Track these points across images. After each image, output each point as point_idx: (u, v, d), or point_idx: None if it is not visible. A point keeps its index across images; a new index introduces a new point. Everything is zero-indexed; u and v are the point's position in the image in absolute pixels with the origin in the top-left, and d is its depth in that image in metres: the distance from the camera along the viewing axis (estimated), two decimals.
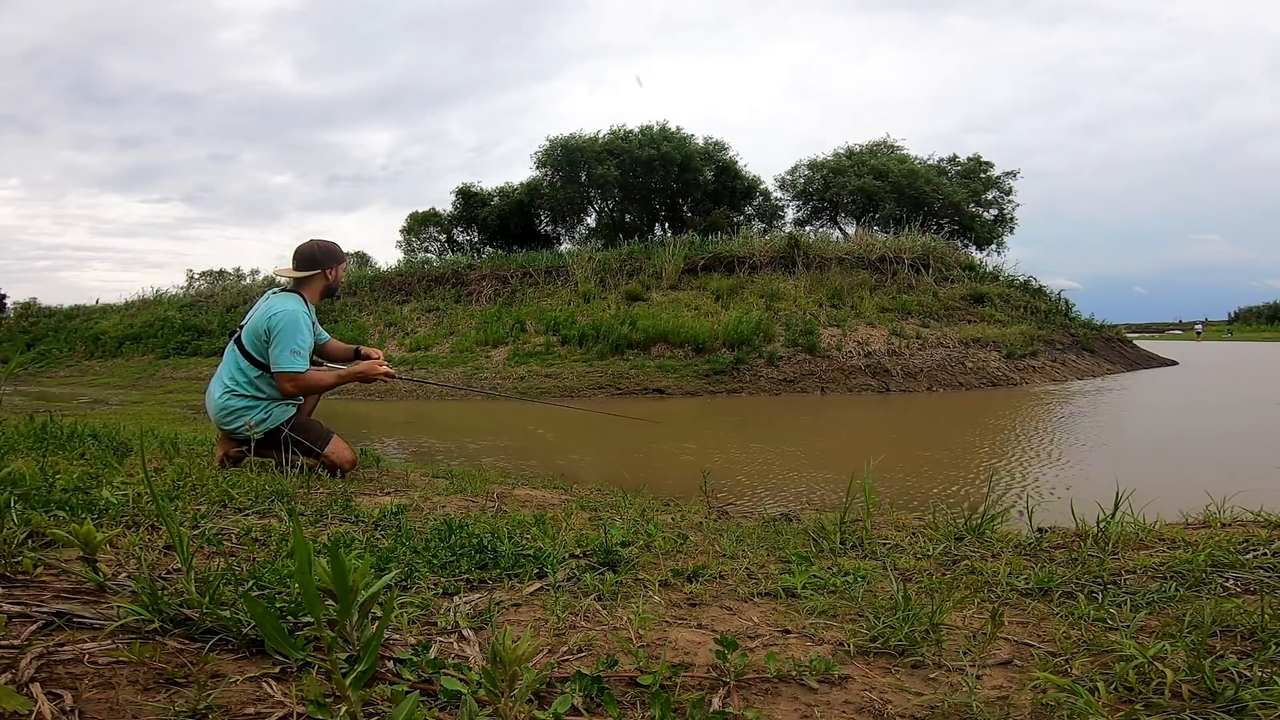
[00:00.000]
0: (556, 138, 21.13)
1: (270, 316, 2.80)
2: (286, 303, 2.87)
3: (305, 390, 2.87)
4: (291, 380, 2.79)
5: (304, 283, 3.01)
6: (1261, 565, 1.49)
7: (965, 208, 21.56)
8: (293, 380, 2.80)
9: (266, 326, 2.80)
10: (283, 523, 1.73)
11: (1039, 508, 2.18)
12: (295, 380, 2.80)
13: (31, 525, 1.32)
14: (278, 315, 2.80)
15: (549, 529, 1.86)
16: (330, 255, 3.03)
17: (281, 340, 2.77)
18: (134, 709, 0.79)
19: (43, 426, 3.03)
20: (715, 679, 1.01)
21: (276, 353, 2.78)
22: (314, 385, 2.89)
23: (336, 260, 3.05)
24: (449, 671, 0.93)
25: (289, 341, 2.77)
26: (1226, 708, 0.91)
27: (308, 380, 2.84)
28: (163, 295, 21.35)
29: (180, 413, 9.39)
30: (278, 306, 2.84)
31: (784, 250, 15.59)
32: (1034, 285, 16.11)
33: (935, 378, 11.50)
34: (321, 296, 3.07)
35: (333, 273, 3.04)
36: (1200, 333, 45.31)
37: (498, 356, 13.21)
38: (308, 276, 3.00)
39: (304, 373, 2.81)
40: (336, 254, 3.06)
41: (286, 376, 2.79)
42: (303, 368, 2.80)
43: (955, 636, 1.18)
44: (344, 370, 3.00)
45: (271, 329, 2.79)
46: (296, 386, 2.82)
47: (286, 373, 2.78)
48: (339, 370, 2.99)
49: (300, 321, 2.82)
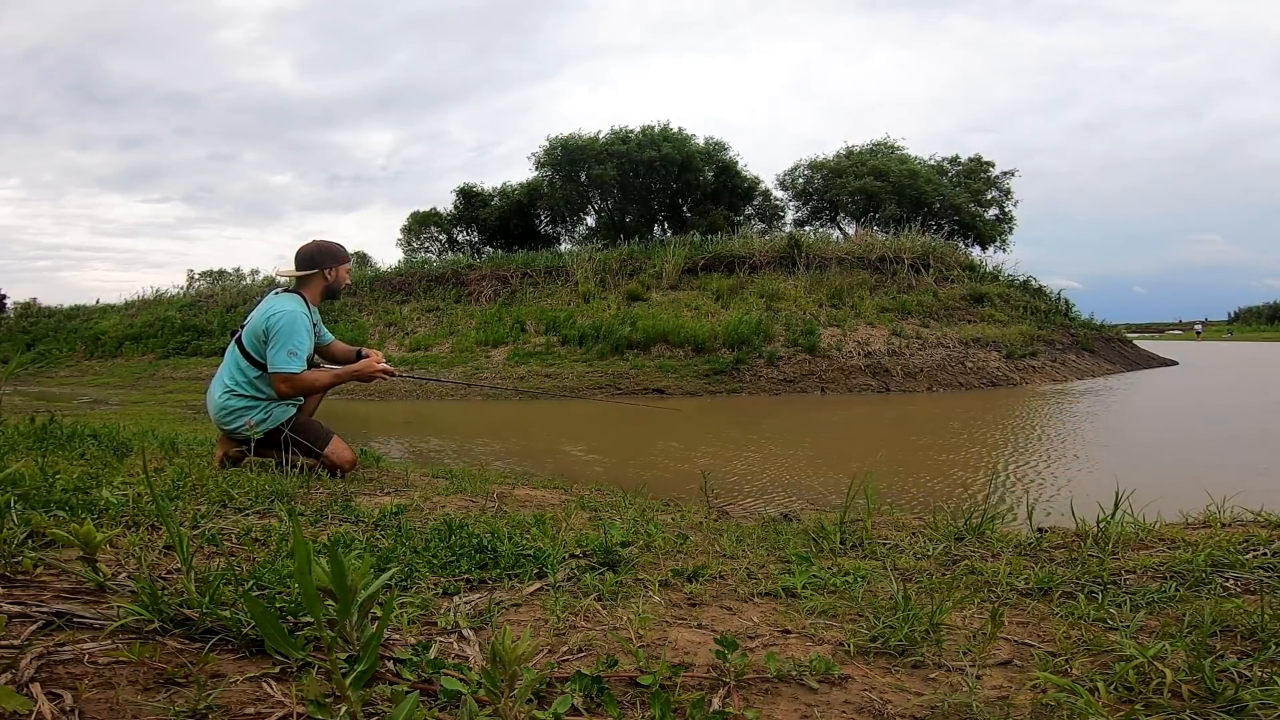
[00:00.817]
0: (556, 138, 21.16)
1: (269, 317, 2.80)
2: (286, 303, 2.87)
3: (301, 391, 2.87)
4: (286, 381, 2.80)
5: (304, 283, 3.01)
6: (1261, 565, 1.49)
7: (965, 208, 21.58)
8: (288, 381, 2.80)
9: (265, 327, 2.81)
10: (283, 523, 1.73)
11: (1039, 507, 2.18)
12: (290, 381, 2.80)
13: (31, 525, 1.32)
14: (276, 316, 2.80)
15: (549, 529, 1.86)
16: (329, 255, 3.01)
17: (278, 341, 2.78)
18: (134, 709, 0.79)
19: (43, 427, 3.03)
20: (715, 679, 1.01)
21: (273, 354, 2.78)
22: (309, 386, 2.88)
23: (336, 260, 3.03)
24: (449, 671, 0.93)
25: (285, 343, 2.77)
26: (1226, 708, 0.91)
27: (303, 381, 2.83)
28: (163, 295, 21.36)
29: (180, 413, 9.39)
30: (277, 307, 2.84)
31: (784, 250, 15.59)
32: (1034, 285, 16.14)
33: (935, 378, 11.50)
34: (323, 297, 3.06)
35: (332, 273, 3.02)
36: (1200, 333, 45.31)
37: (498, 356, 13.21)
38: (307, 276, 3.00)
39: (299, 374, 2.81)
40: (337, 254, 3.04)
41: (281, 377, 2.79)
42: (298, 369, 2.80)
43: (955, 636, 1.18)
44: (340, 370, 2.99)
45: (269, 329, 2.80)
46: (291, 387, 2.82)
47: (281, 374, 2.79)
48: (335, 370, 2.98)
49: (298, 323, 2.82)
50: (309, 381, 2.86)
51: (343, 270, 3.06)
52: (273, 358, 2.78)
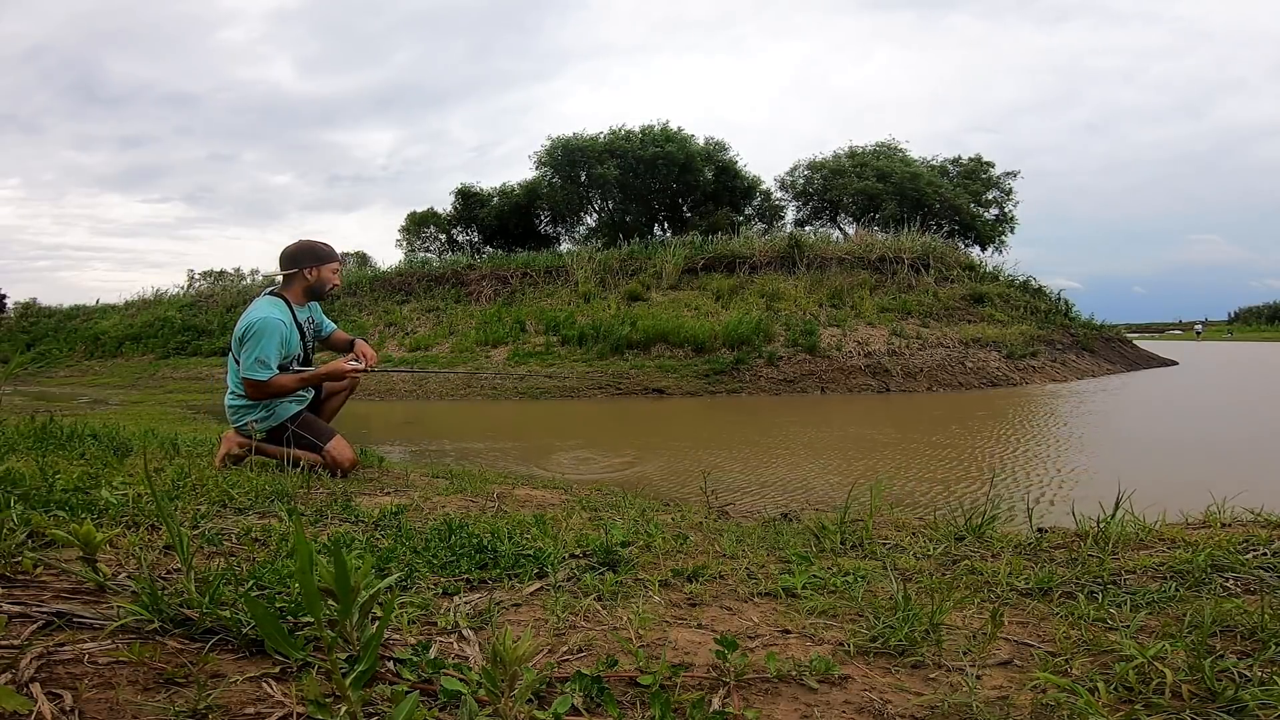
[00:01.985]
0: (557, 138, 21.15)
1: (246, 325, 2.86)
2: (264, 309, 2.90)
3: (268, 396, 2.91)
4: (254, 387, 2.86)
5: (287, 283, 3.03)
6: (1261, 565, 1.49)
7: (965, 208, 21.58)
8: (255, 387, 2.86)
9: (240, 333, 2.87)
10: (283, 523, 1.73)
11: (1039, 507, 2.18)
12: (257, 387, 2.86)
13: (31, 525, 1.32)
14: (252, 325, 2.84)
15: (549, 529, 1.86)
16: (309, 254, 3.00)
17: (249, 348, 2.83)
18: (134, 709, 0.79)
19: (43, 427, 3.03)
20: (715, 679, 1.01)
21: (244, 360, 2.84)
22: (276, 391, 2.90)
23: (317, 260, 3.01)
24: (449, 671, 0.93)
25: (254, 350, 2.82)
26: (1226, 708, 0.91)
27: (269, 387, 2.87)
28: (163, 295, 21.34)
29: (180, 413, 9.40)
30: (256, 314, 2.88)
31: (784, 250, 15.59)
32: (1034, 285, 16.12)
33: (935, 378, 11.50)
34: (309, 297, 3.07)
35: (312, 273, 3.00)
36: (1200, 333, 45.30)
37: (498, 356, 13.21)
38: (289, 276, 3.02)
39: (265, 381, 2.85)
40: (319, 253, 3.02)
41: (249, 384, 2.86)
42: (264, 377, 2.84)
43: (955, 636, 1.18)
44: (307, 374, 2.99)
45: (244, 337, 2.85)
46: (259, 392, 2.87)
47: (248, 380, 2.85)
48: (302, 374, 2.98)
49: (270, 331, 2.83)
50: (276, 386, 2.88)
51: (325, 270, 3.03)
52: (244, 363, 2.85)
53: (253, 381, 2.84)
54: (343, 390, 3.34)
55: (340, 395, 3.33)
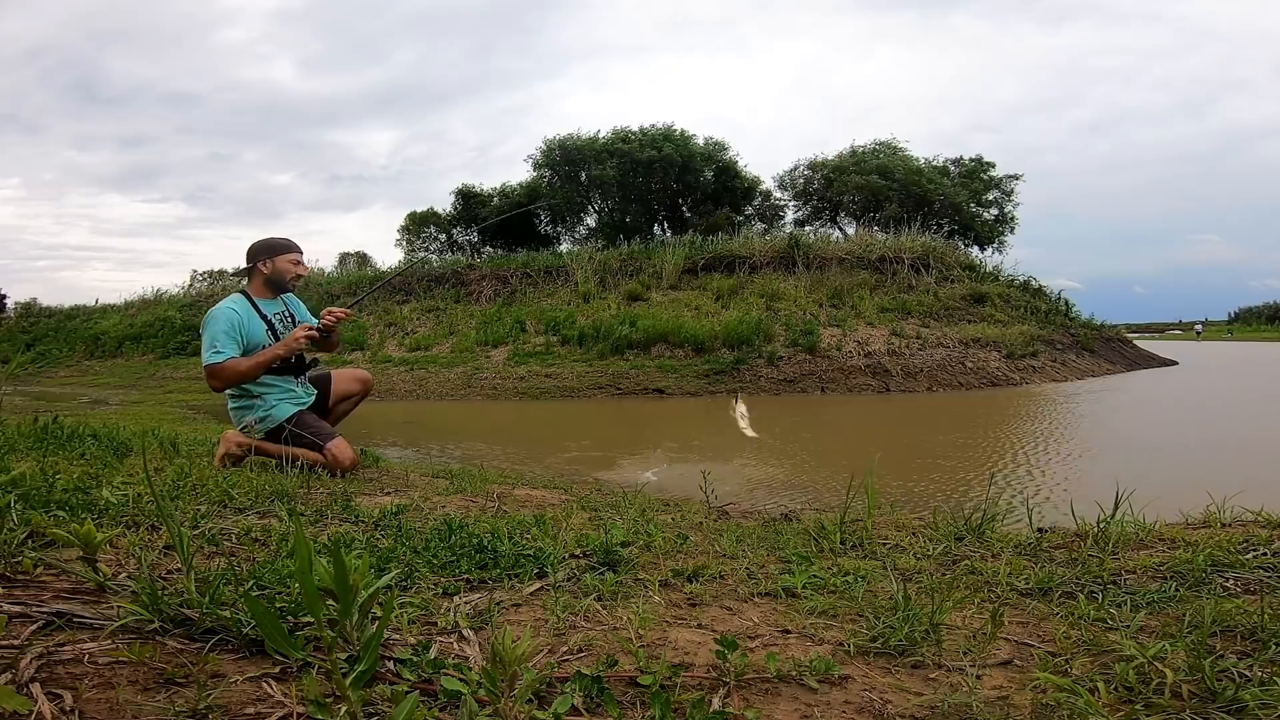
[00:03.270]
0: (553, 139, 21.11)
1: (202, 321, 2.92)
2: (223, 302, 2.98)
3: (227, 380, 2.89)
4: (211, 374, 2.86)
5: (248, 279, 3.11)
6: (1261, 565, 1.49)
7: (966, 208, 21.56)
8: (212, 374, 2.86)
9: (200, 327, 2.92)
10: (283, 523, 1.73)
11: (1039, 507, 2.18)
12: (214, 374, 2.86)
13: (31, 525, 1.32)
14: (207, 315, 2.91)
15: (549, 529, 1.86)
16: (264, 249, 3.06)
17: (203, 339, 2.87)
18: (134, 709, 0.79)
19: (44, 427, 3.04)
20: (715, 679, 1.01)
21: (202, 350, 2.87)
22: (233, 374, 2.88)
23: (270, 252, 3.06)
24: (449, 671, 0.93)
25: (206, 338, 2.86)
26: (1226, 708, 0.91)
27: (226, 370, 2.85)
28: (163, 295, 21.31)
29: (180, 413, 9.40)
30: (211, 309, 2.94)
31: (784, 250, 15.58)
32: (1034, 285, 16.13)
33: (935, 378, 11.50)
34: (273, 290, 3.10)
35: (267, 265, 3.04)
36: (1200, 333, 45.30)
37: (498, 356, 13.21)
38: (247, 271, 3.09)
39: (220, 364, 2.84)
40: (273, 246, 3.08)
41: (206, 370, 2.87)
42: (215, 360, 2.83)
43: (955, 636, 1.18)
44: (262, 354, 2.95)
45: (201, 329, 2.90)
46: (217, 379, 2.87)
47: (206, 367, 2.86)
48: (257, 357, 2.94)
49: (217, 318, 2.88)
50: (231, 370, 2.87)
51: (281, 261, 3.06)
52: (202, 354, 2.87)
53: (208, 367, 2.84)
54: (354, 396, 3.38)
55: (350, 400, 3.36)
